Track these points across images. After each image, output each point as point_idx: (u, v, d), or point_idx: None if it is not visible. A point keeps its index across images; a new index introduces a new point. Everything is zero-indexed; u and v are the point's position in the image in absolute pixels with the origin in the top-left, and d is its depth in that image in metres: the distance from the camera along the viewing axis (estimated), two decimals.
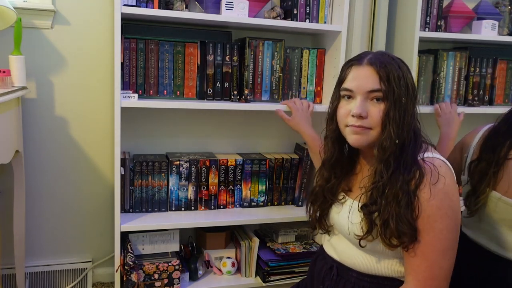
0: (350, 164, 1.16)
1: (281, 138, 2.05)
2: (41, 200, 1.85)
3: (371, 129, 1.03)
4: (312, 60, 1.84)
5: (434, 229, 0.96)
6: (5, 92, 1.38)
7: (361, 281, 1.08)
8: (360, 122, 1.02)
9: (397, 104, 1.00)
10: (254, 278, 1.82)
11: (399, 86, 1.00)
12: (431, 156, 1.02)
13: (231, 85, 1.75)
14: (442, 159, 1.03)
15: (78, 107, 1.83)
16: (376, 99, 1.02)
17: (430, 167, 0.98)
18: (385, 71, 1.01)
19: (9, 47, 1.62)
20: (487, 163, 1.23)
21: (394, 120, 1.00)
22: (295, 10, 1.75)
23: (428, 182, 0.97)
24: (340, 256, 1.13)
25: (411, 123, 1.03)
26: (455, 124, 1.76)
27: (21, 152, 1.65)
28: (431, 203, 0.96)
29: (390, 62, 1.03)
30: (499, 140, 1.23)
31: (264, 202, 1.90)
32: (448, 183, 0.98)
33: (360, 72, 1.04)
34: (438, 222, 0.96)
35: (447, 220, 0.96)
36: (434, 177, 0.97)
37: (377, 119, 1.01)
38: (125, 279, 1.59)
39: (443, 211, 0.96)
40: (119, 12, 1.50)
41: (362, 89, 1.03)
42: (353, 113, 1.03)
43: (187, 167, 1.77)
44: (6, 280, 1.81)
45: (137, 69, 1.67)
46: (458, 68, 2.01)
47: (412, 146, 1.02)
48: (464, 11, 1.99)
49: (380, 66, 1.02)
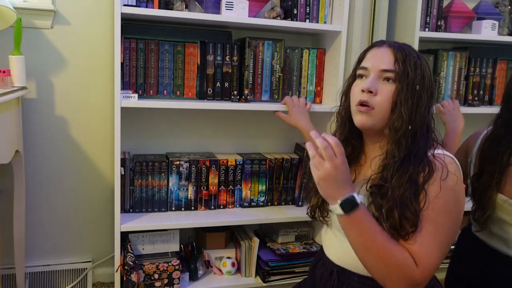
0: (358, 151, 1.16)
1: (281, 138, 2.05)
2: (41, 200, 1.85)
3: (374, 109, 1.04)
4: (312, 60, 1.84)
5: (437, 223, 0.97)
6: (5, 92, 1.38)
7: (363, 285, 1.07)
8: (367, 98, 1.04)
9: (409, 88, 1.02)
10: (254, 278, 1.82)
11: (413, 71, 1.02)
12: (442, 153, 1.03)
13: (231, 85, 1.75)
14: (452, 157, 1.03)
15: (78, 107, 1.83)
16: (387, 79, 1.04)
17: (441, 164, 1.00)
18: (402, 54, 1.03)
19: (9, 47, 1.62)
20: (490, 174, 1.23)
21: (406, 102, 1.01)
22: (295, 10, 1.75)
23: (439, 177, 0.98)
24: (342, 259, 1.12)
25: (425, 116, 1.04)
26: (460, 120, 1.75)
27: (21, 152, 1.65)
28: (439, 198, 0.97)
29: (410, 50, 1.06)
30: (499, 149, 1.23)
31: (264, 202, 1.90)
32: (457, 182, 0.99)
33: (378, 52, 1.07)
34: (441, 217, 0.97)
35: (450, 217, 0.98)
36: (444, 174, 0.98)
37: (386, 97, 1.03)
38: (125, 279, 1.59)
39: (448, 208, 0.98)
40: (119, 12, 1.50)
41: (376, 68, 1.05)
42: (363, 88, 1.04)
43: (187, 167, 1.77)
44: (6, 280, 1.81)
45: (137, 69, 1.67)
46: (458, 68, 2.01)
47: (424, 140, 1.03)
48: (464, 11, 1.99)
49: (398, 49, 1.04)
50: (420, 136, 1.02)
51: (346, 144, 1.14)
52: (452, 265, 1.41)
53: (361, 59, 1.11)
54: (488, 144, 1.28)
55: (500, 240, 1.24)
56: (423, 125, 1.03)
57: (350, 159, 1.14)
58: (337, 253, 1.13)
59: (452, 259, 1.42)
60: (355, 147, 1.15)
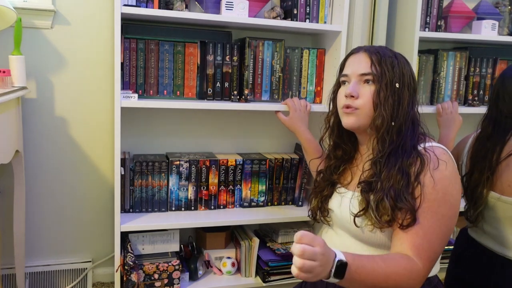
0: (351, 153, 1.21)
1: (281, 138, 2.05)
2: (41, 200, 1.85)
3: (359, 109, 1.09)
4: (312, 60, 1.84)
5: (437, 213, 0.99)
6: (5, 92, 1.38)
7: None
8: (350, 102, 1.10)
9: (388, 87, 1.07)
10: (254, 278, 1.82)
11: (391, 71, 1.07)
12: (431, 145, 1.06)
13: (231, 85, 1.75)
14: (442, 147, 1.07)
15: (78, 107, 1.83)
16: (367, 82, 1.10)
17: (431, 155, 1.03)
18: (377, 56, 1.09)
19: (9, 47, 1.62)
20: (480, 171, 1.26)
21: (386, 101, 1.06)
22: (295, 10, 1.75)
23: (432, 168, 1.01)
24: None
25: (408, 111, 1.08)
26: (455, 125, 1.76)
27: (21, 152, 1.65)
28: (435, 189, 0.99)
29: (385, 51, 1.11)
30: (488, 146, 1.26)
31: (264, 202, 1.90)
32: (450, 170, 1.02)
33: (356, 58, 1.14)
34: (441, 207, 1.00)
35: (449, 206, 1.00)
36: (434, 164, 1.01)
37: (367, 99, 1.08)
38: (125, 279, 1.59)
39: (446, 198, 1.00)
40: (119, 12, 1.50)
41: (355, 73, 1.11)
42: (346, 93, 1.11)
43: (187, 167, 1.77)
44: (6, 280, 1.81)
45: (137, 69, 1.67)
46: (458, 68, 2.01)
47: (410, 134, 1.07)
48: (464, 11, 1.99)
49: (374, 52, 1.10)
50: (405, 131, 1.07)
51: (336, 148, 1.22)
52: (450, 266, 1.42)
53: (342, 67, 1.18)
54: (477, 143, 1.31)
55: (493, 239, 1.25)
56: (407, 120, 1.07)
57: (342, 161, 1.21)
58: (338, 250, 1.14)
59: (450, 260, 1.42)
60: (346, 150, 1.21)
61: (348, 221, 1.10)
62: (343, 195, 1.15)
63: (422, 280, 0.98)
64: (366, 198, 1.05)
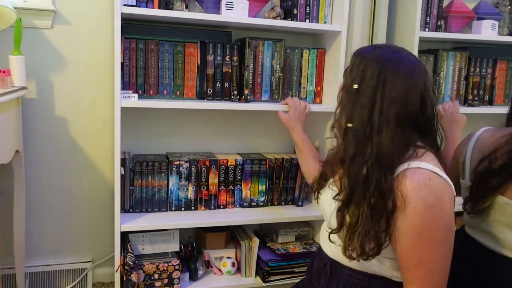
0: None
1: (281, 138, 2.05)
2: (41, 200, 1.85)
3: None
4: (312, 60, 1.84)
5: (431, 240, 0.95)
6: (5, 92, 1.38)
7: (353, 278, 1.09)
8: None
9: (346, 89, 1.06)
10: (254, 278, 1.82)
11: (349, 74, 1.06)
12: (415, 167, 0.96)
13: (231, 85, 1.75)
14: (429, 169, 0.96)
15: (78, 107, 1.83)
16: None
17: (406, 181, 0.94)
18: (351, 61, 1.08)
19: (9, 47, 1.62)
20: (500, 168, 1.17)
21: (341, 103, 1.07)
22: (295, 10, 1.75)
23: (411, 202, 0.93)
24: (334, 253, 1.14)
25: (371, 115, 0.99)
26: (458, 124, 1.74)
27: (21, 152, 1.65)
28: (423, 219, 0.93)
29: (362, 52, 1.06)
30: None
31: (264, 202, 1.90)
32: (428, 200, 0.93)
33: None
34: (434, 234, 0.94)
35: (441, 231, 0.95)
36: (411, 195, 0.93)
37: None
38: (125, 279, 1.59)
39: (437, 223, 0.94)
40: (119, 12, 1.50)
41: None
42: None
43: (187, 167, 1.77)
44: (6, 280, 1.81)
45: (137, 69, 1.67)
46: (458, 68, 2.01)
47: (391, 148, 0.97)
48: (464, 11, 1.99)
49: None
50: (366, 137, 0.99)
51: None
52: None
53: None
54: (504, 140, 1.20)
55: (491, 238, 1.24)
56: (368, 124, 0.99)
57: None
58: (330, 246, 1.15)
59: None
60: None
61: (327, 217, 1.12)
62: (330, 188, 1.16)
63: None
64: (341, 222, 1.03)
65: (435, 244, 0.95)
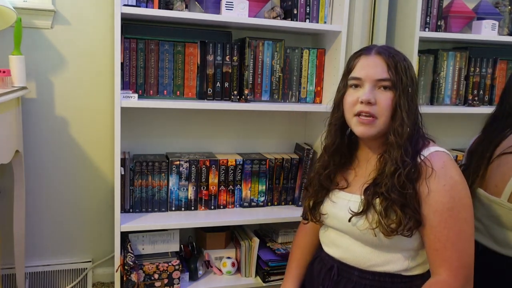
0: (348, 157, 1.19)
1: (281, 138, 2.05)
2: (41, 200, 1.85)
3: (377, 119, 1.05)
4: (312, 60, 1.84)
5: (459, 219, 0.99)
6: (5, 92, 1.38)
7: (362, 279, 1.08)
8: (369, 108, 1.05)
9: (405, 92, 1.05)
10: (254, 278, 1.82)
11: (406, 76, 1.05)
12: (436, 150, 1.05)
13: (231, 85, 1.75)
14: (442, 150, 1.06)
15: (78, 107, 1.83)
16: (383, 88, 1.05)
17: (434, 163, 1.02)
18: (393, 61, 1.05)
19: (9, 47, 1.62)
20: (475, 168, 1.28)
21: (404, 107, 1.04)
22: (295, 10, 1.75)
23: (440, 177, 1.00)
24: (343, 254, 1.13)
25: (417, 114, 1.08)
26: None
27: (21, 152, 1.65)
28: (452, 195, 0.99)
29: (397, 53, 1.09)
30: (485, 143, 1.28)
31: (264, 202, 1.90)
32: (458, 173, 1.02)
33: (369, 61, 1.07)
34: (462, 212, 1.00)
35: (468, 209, 1.01)
36: (443, 171, 1.01)
37: (385, 106, 1.05)
38: (125, 279, 1.59)
39: (464, 201, 1.00)
40: (119, 12, 1.50)
41: (371, 77, 1.06)
42: (362, 99, 1.05)
43: (187, 167, 1.77)
44: (6, 280, 1.81)
45: (137, 69, 1.67)
46: (458, 68, 2.01)
47: (415, 138, 1.06)
48: (464, 11, 1.99)
49: (389, 56, 1.06)
50: (415, 137, 1.06)
51: (335, 153, 1.17)
52: None
53: (350, 69, 1.11)
54: (478, 139, 1.32)
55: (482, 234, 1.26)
56: (416, 122, 1.08)
57: (339, 166, 1.18)
58: (338, 248, 1.15)
59: None
60: (343, 155, 1.18)
61: (345, 223, 1.09)
62: (340, 198, 1.14)
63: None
64: (369, 202, 1.04)
65: (463, 222, 1.00)
